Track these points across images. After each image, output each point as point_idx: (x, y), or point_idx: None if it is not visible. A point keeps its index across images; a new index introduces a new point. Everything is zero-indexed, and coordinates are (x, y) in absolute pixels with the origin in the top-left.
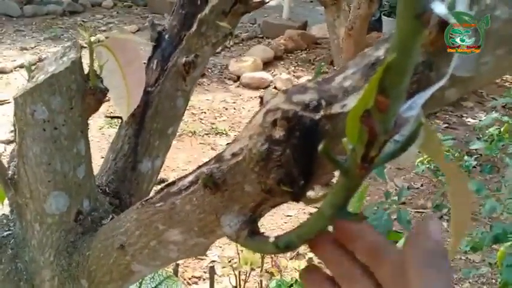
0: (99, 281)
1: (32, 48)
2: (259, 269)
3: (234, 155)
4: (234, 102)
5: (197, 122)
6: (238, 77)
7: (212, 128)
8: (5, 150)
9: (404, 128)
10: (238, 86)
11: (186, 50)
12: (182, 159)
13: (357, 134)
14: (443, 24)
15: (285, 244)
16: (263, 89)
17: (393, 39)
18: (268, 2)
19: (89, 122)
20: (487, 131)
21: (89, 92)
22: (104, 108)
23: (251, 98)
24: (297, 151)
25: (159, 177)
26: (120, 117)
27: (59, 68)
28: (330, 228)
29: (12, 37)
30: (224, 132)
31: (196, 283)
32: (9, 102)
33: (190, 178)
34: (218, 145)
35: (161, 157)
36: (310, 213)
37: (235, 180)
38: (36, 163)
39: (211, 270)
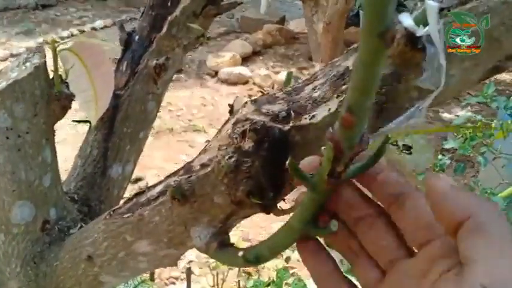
0: None
1: (3, 43)
2: (237, 269)
3: (203, 165)
4: (212, 98)
5: (174, 119)
6: (216, 73)
7: (190, 125)
8: None
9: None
10: (216, 82)
11: (157, 52)
12: (159, 157)
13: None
14: (410, 36)
15: (255, 257)
16: (242, 84)
17: (357, 57)
18: (240, 3)
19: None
20: (461, 129)
21: (53, 98)
22: (70, 113)
23: (229, 94)
24: (266, 163)
25: (134, 176)
26: (88, 122)
27: (21, 74)
28: None
29: None
30: (202, 129)
31: (173, 283)
32: None
33: (159, 188)
34: (196, 142)
35: (132, 162)
36: None
37: (204, 192)
38: (0, 172)
39: (188, 271)
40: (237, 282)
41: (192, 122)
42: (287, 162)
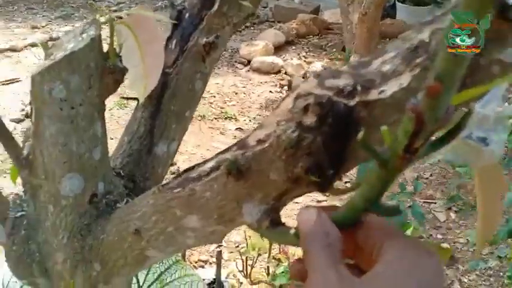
0: (112, 265)
1: (43, 26)
2: (267, 254)
3: (259, 141)
4: (244, 87)
5: (207, 106)
6: (249, 61)
7: (222, 112)
8: (15, 129)
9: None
10: (248, 71)
11: (207, 30)
12: (191, 143)
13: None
14: (501, 5)
15: None
16: (274, 74)
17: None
18: None
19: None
20: (510, 121)
21: (107, 71)
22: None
23: (261, 82)
24: (328, 139)
25: None
26: (136, 99)
27: (78, 45)
28: None
29: (23, 15)
30: (233, 117)
31: (202, 267)
32: (19, 81)
33: (210, 164)
34: (227, 130)
35: (177, 140)
36: (318, 201)
37: (261, 168)
38: (52, 143)
39: (219, 255)
40: (266, 269)
41: (223, 110)
42: (358, 137)
